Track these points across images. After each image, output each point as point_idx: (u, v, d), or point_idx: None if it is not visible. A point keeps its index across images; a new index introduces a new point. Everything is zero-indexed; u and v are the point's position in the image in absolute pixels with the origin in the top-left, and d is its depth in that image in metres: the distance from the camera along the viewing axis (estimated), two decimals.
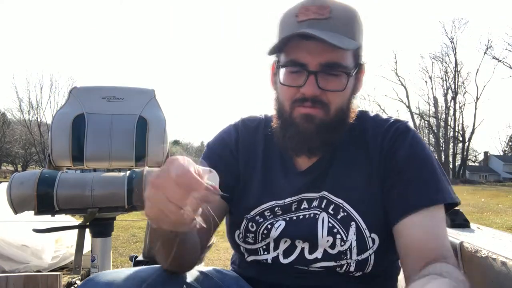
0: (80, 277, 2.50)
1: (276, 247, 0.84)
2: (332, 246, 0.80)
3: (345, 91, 0.79)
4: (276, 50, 0.80)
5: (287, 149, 0.85)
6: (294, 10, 0.79)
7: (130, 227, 5.46)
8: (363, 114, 0.89)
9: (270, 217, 0.85)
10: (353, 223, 0.80)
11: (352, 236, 0.79)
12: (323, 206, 0.82)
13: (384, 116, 0.89)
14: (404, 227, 0.75)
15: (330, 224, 0.81)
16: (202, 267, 0.87)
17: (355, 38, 0.78)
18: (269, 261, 0.84)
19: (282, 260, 0.83)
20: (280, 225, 0.83)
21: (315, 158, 0.85)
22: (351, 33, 0.77)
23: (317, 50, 0.75)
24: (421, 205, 0.75)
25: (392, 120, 0.86)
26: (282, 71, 0.80)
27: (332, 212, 0.81)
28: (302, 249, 0.82)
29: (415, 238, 0.73)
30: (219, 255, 3.89)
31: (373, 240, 0.79)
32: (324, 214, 0.82)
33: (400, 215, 0.76)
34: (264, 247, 0.85)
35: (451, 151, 36.98)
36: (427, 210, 0.74)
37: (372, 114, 0.90)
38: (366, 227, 0.79)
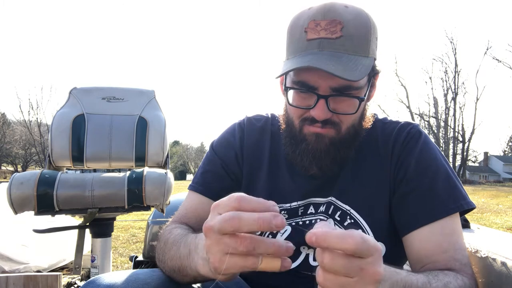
0: (80, 277, 2.50)
1: None
2: None
3: (357, 112, 0.76)
4: (284, 74, 0.76)
5: (297, 164, 0.82)
6: (303, 22, 0.73)
7: (130, 227, 5.46)
8: (372, 117, 0.86)
9: None
10: (359, 230, 0.78)
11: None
12: (330, 212, 0.81)
13: (394, 119, 0.87)
14: (415, 239, 0.74)
15: None
16: None
17: (369, 53, 0.73)
18: None
19: None
20: (286, 230, 0.82)
21: None
22: (364, 49, 0.72)
23: (328, 75, 0.70)
24: (432, 218, 0.73)
25: (402, 124, 0.83)
26: (290, 90, 0.77)
27: (339, 219, 0.80)
28: (307, 255, 0.81)
29: (425, 252, 0.72)
30: None
31: None
32: (330, 221, 0.80)
33: (411, 227, 0.74)
34: None
35: (451, 151, 36.92)
36: (439, 221, 0.73)
37: (381, 117, 0.88)
38: (373, 235, 0.78)
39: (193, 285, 0.77)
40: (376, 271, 0.48)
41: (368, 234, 0.77)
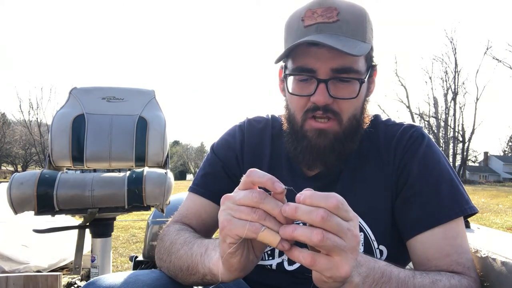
0: (80, 277, 2.50)
1: (281, 253, 0.82)
2: None
3: (358, 98, 0.75)
4: (283, 57, 0.76)
5: (300, 162, 0.81)
6: (299, 13, 0.74)
7: (130, 227, 5.46)
8: (374, 119, 0.86)
9: None
10: (361, 233, 0.77)
11: (359, 247, 0.78)
12: None
13: (397, 121, 0.85)
14: (418, 243, 0.74)
15: None
16: None
17: (366, 40, 0.74)
18: (274, 267, 0.83)
19: (286, 266, 0.82)
20: None
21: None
22: (361, 35, 0.73)
23: (327, 56, 0.71)
24: (436, 222, 0.73)
25: (405, 126, 0.82)
26: (290, 79, 0.76)
27: None
28: None
29: (428, 255, 0.72)
30: None
31: (381, 251, 0.78)
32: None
33: (414, 231, 0.74)
34: (269, 252, 0.84)
35: (451, 151, 36.88)
36: (443, 225, 0.72)
37: (383, 118, 0.87)
38: (374, 238, 0.77)
39: (194, 287, 0.77)
40: (358, 235, 0.51)
41: (370, 238, 0.77)
